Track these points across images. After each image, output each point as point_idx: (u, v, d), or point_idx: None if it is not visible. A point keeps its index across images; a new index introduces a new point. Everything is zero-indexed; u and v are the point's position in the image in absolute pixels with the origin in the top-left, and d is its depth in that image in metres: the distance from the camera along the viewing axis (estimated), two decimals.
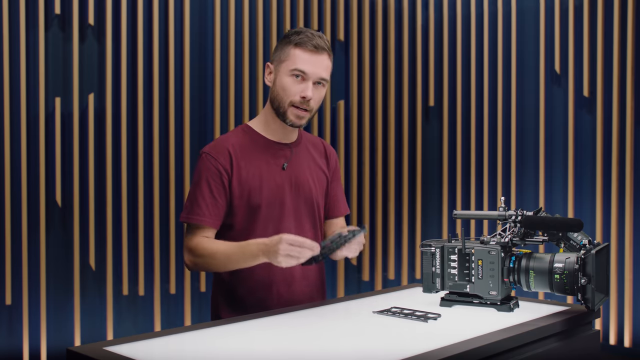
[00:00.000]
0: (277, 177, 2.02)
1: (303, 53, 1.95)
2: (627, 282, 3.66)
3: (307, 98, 1.96)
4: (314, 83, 1.97)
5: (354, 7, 4.19)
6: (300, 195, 2.05)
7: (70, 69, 3.33)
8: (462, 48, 4.19)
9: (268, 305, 2.01)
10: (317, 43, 1.96)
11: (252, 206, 1.98)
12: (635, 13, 3.68)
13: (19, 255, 3.20)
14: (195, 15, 3.66)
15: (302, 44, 1.96)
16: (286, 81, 1.97)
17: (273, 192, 2.00)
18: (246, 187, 1.98)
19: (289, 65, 1.96)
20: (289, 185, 2.03)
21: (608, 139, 3.76)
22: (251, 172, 1.99)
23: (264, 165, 2.01)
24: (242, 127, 2.08)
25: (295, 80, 1.96)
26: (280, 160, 2.04)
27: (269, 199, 1.99)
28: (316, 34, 1.99)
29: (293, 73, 1.95)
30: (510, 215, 1.88)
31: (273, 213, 2.00)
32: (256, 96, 3.81)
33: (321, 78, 1.98)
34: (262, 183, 1.99)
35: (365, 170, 4.20)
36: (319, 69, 1.97)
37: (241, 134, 2.05)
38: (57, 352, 3.28)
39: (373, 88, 4.26)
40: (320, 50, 1.97)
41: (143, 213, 3.47)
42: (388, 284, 4.25)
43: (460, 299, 1.90)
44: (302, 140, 2.13)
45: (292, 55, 1.96)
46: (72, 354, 1.46)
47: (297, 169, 2.07)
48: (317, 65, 1.96)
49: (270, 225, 2.00)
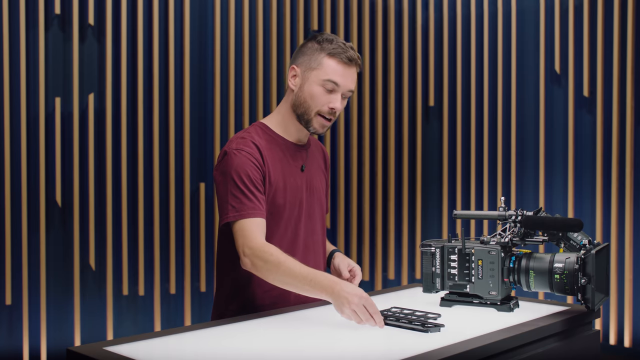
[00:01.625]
0: (297, 178, 2.01)
1: (337, 65, 1.93)
2: (627, 282, 3.66)
3: (336, 110, 1.95)
4: (342, 95, 1.97)
5: (354, 7, 4.19)
6: (314, 197, 2.07)
7: (70, 69, 3.33)
8: (462, 48, 4.19)
9: (283, 305, 1.99)
10: (350, 55, 1.94)
11: (277, 206, 1.95)
12: (635, 13, 3.68)
13: (19, 255, 3.20)
14: (195, 15, 3.66)
15: (337, 55, 1.93)
16: (316, 90, 1.94)
17: (294, 193, 1.99)
18: (273, 185, 1.95)
19: (321, 75, 1.93)
20: (306, 187, 2.04)
21: (608, 139, 3.76)
22: (276, 172, 1.97)
23: (286, 165, 2.00)
24: (258, 126, 2.03)
25: (325, 91, 1.94)
26: (299, 161, 2.04)
27: (291, 199, 1.98)
28: (348, 45, 1.96)
29: (325, 84, 1.93)
30: (510, 215, 1.87)
31: (293, 214, 1.99)
32: (256, 96, 3.81)
33: (350, 90, 1.97)
34: (286, 183, 1.98)
35: (365, 170, 4.20)
36: (349, 82, 1.95)
37: (262, 133, 2.00)
38: (57, 352, 3.27)
39: (373, 88, 4.26)
40: (353, 63, 1.95)
41: (143, 213, 3.47)
42: (388, 284, 4.25)
43: (460, 299, 1.90)
44: (311, 143, 2.14)
45: (325, 65, 1.93)
46: (72, 354, 1.46)
47: (311, 171, 2.08)
48: (348, 78, 1.95)
49: (290, 226, 1.99)
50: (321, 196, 2.11)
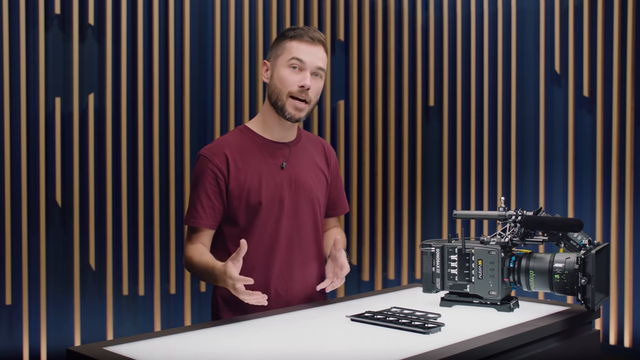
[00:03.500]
0: (276, 176, 2.03)
1: (299, 44, 1.99)
2: (627, 282, 3.66)
3: (305, 87, 1.98)
4: (312, 74, 2.00)
5: (354, 7, 4.19)
6: (300, 194, 2.06)
7: (70, 69, 3.33)
8: (462, 48, 4.19)
9: (267, 306, 2.00)
10: (312, 35, 2.01)
11: (252, 205, 1.99)
12: (635, 13, 3.68)
13: (19, 255, 3.20)
14: (195, 15, 3.66)
15: (298, 37, 2.00)
16: (284, 72, 2.00)
17: (272, 191, 2.01)
18: (245, 187, 1.99)
19: (286, 57, 2.00)
20: (288, 184, 2.04)
21: (608, 139, 3.76)
22: (250, 172, 2.00)
23: (263, 164, 2.02)
24: (239, 128, 2.10)
25: (292, 71, 1.99)
26: (279, 159, 2.05)
27: (268, 198, 2.00)
28: (311, 28, 2.04)
29: (290, 63, 1.99)
30: (510, 215, 1.87)
31: (272, 212, 2.01)
32: (256, 96, 3.81)
33: (318, 68, 2.01)
34: (261, 182, 2.00)
35: (365, 170, 4.20)
36: (315, 59, 2.00)
37: (238, 135, 2.07)
38: (57, 352, 3.28)
39: (373, 88, 4.26)
40: (316, 42, 2.01)
41: (143, 213, 3.47)
42: (388, 284, 4.25)
43: (460, 299, 1.90)
44: (302, 139, 2.14)
45: (288, 48, 2.00)
46: (72, 354, 1.46)
47: (297, 167, 2.07)
48: (313, 55, 2.00)
49: (269, 224, 2.01)
50: (314, 193, 2.10)
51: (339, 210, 2.26)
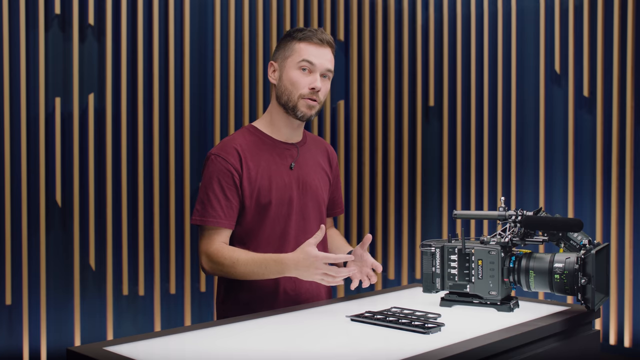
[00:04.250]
0: (285, 176, 2.04)
1: (309, 46, 2.00)
2: (627, 282, 3.66)
3: (316, 89, 2.00)
4: (321, 75, 2.02)
5: (354, 7, 4.19)
6: (308, 194, 2.08)
7: (70, 69, 3.33)
8: (462, 48, 4.19)
9: (274, 303, 2.01)
10: (321, 37, 2.02)
11: (262, 205, 2.00)
12: (635, 13, 3.68)
13: (19, 255, 3.20)
14: (195, 15, 3.66)
15: (307, 38, 2.01)
16: (294, 74, 2.00)
17: (281, 191, 2.02)
18: (256, 186, 1.99)
19: (296, 59, 2.00)
20: (296, 184, 2.05)
21: (608, 139, 3.76)
22: (260, 172, 2.01)
23: (272, 164, 2.03)
24: (247, 128, 2.10)
25: (302, 73, 2.00)
26: (288, 159, 2.06)
27: (277, 198, 2.01)
28: (319, 29, 2.05)
29: (300, 66, 1.99)
30: (510, 215, 1.88)
31: (281, 212, 2.02)
32: (256, 96, 3.81)
33: (327, 69, 2.03)
34: (271, 182, 2.01)
35: (365, 170, 4.20)
36: (324, 61, 2.02)
37: (247, 135, 2.07)
38: (57, 352, 3.28)
39: (373, 88, 4.26)
40: (325, 44, 2.03)
41: (143, 213, 3.47)
42: (388, 284, 4.25)
43: (460, 299, 1.90)
44: (307, 140, 2.16)
45: (297, 49, 2.01)
46: (72, 354, 1.46)
47: (304, 168, 2.09)
48: (322, 57, 2.02)
49: (278, 224, 2.02)
50: (320, 194, 2.12)
51: (337, 211, 2.29)
